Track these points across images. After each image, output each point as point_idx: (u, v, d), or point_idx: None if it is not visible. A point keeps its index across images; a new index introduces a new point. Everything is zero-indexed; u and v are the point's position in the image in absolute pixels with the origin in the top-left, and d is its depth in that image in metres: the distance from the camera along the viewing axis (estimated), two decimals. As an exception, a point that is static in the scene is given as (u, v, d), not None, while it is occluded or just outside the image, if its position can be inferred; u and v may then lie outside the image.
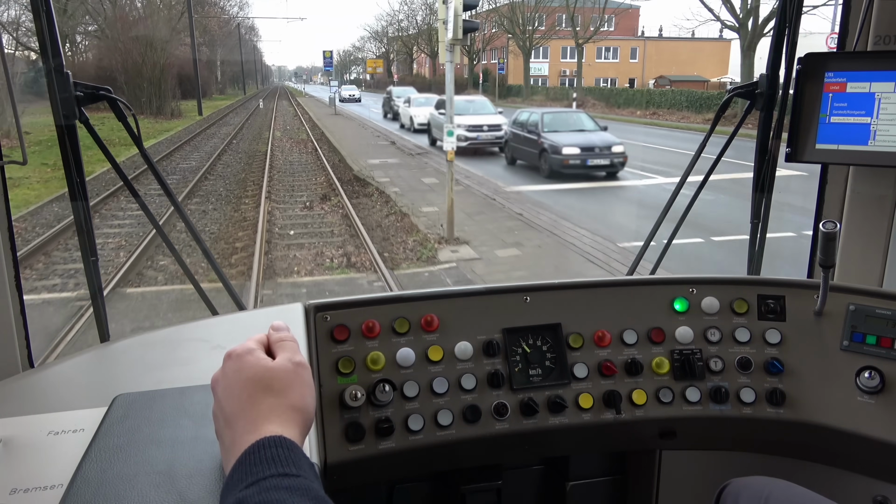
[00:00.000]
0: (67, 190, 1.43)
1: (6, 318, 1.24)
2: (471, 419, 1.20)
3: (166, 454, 0.84)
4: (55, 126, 1.39)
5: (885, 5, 1.45)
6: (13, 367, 1.25)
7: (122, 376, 1.14)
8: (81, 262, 1.48)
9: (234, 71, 63.21)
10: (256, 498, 0.61)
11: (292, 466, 0.65)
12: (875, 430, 1.22)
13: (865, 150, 1.41)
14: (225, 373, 0.79)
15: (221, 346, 1.21)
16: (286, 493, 0.62)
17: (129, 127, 1.50)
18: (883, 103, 1.38)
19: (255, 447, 0.67)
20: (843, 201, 1.60)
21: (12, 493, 0.80)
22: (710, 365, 1.32)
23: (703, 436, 1.37)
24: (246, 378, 0.76)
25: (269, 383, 0.76)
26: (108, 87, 1.45)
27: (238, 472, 0.66)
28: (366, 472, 1.18)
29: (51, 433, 0.92)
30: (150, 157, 1.59)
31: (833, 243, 1.20)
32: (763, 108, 1.72)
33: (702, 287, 1.38)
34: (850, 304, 1.30)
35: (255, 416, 0.72)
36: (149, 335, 1.30)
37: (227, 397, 0.76)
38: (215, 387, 0.79)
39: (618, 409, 1.27)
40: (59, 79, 1.36)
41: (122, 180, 1.60)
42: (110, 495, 0.77)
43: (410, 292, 1.29)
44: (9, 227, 1.25)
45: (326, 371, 1.17)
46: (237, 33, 58.17)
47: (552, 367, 1.29)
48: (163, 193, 1.62)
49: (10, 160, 1.24)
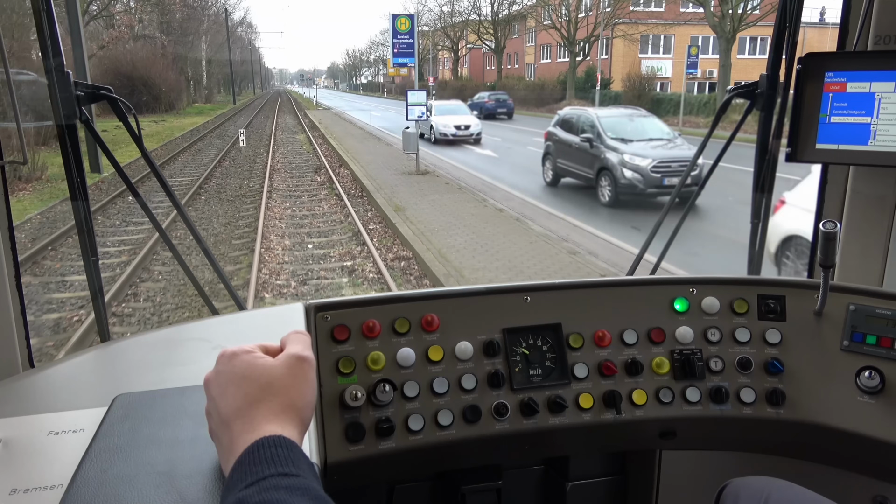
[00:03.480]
0: (68, 190, 1.43)
1: (6, 318, 1.24)
2: (471, 419, 1.20)
3: (166, 454, 0.84)
4: (55, 126, 1.39)
5: (885, 5, 1.45)
6: (13, 367, 1.25)
7: (123, 376, 1.14)
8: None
9: (228, 73, 52.74)
10: (256, 498, 0.61)
11: (291, 466, 0.65)
12: (875, 430, 1.22)
13: (865, 150, 1.41)
14: (219, 372, 0.78)
15: (221, 346, 1.21)
16: (285, 492, 0.62)
17: (129, 127, 1.50)
18: (883, 103, 1.38)
19: (253, 447, 0.67)
20: (843, 201, 1.60)
21: (12, 493, 0.80)
22: (711, 365, 1.32)
23: (703, 436, 1.37)
24: (241, 377, 0.76)
25: (267, 382, 0.75)
26: (108, 87, 1.45)
27: (237, 472, 0.66)
28: (366, 472, 1.18)
29: (51, 433, 0.92)
30: (152, 157, 1.59)
31: (833, 243, 1.20)
32: (763, 108, 1.72)
33: (702, 287, 1.38)
34: (851, 304, 1.30)
35: (253, 416, 0.72)
36: (149, 335, 1.30)
37: (222, 397, 0.75)
38: (209, 387, 0.78)
39: (618, 409, 1.27)
40: (59, 78, 1.37)
41: (124, 181, 1.60)
42: (110, 495, 0.77)
43: (410, 292, 1.29)
44: (9, 226, 1.25)
45: (327, 371, 1.17)
46: (224, 24, 46.17)
47: (552, 367, 1.29)
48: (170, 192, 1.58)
49: (10, 160, 1.24)
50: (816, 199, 1.67)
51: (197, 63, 43.45)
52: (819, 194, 1.66)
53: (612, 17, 33.58)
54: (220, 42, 47.54)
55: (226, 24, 46.56)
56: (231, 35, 51.52)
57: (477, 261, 7.41)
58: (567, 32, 36.72)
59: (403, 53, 18.44)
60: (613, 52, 35.26)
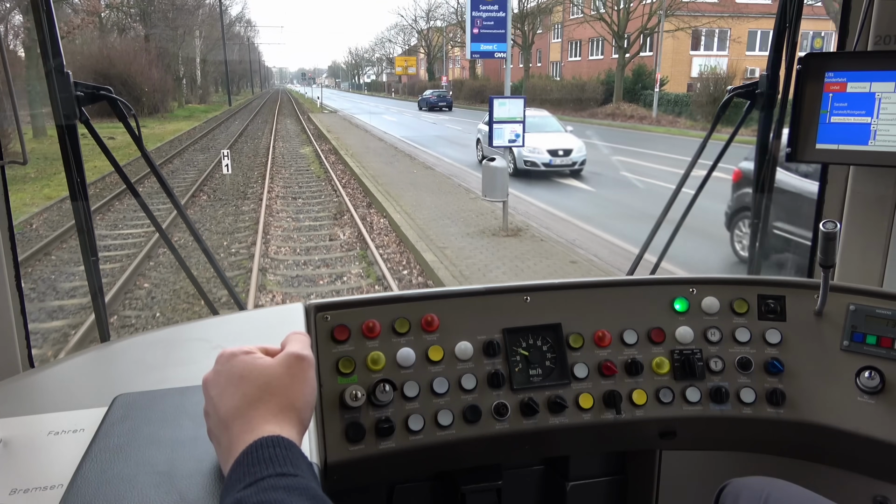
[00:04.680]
0: (68, 190, 1.43)
1: (6, 318, 1.24)
2: (471, 419, 1.20)
3: (166, 454, 0.84)
4: (55, 126, 1.39)
5: (885, 5, 1.45)
6: (13, 367, 1.25)
7: (122, 376, 1.14)
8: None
9: (231, 71, 49.12)
10: (255, 498, 0.61)
11: (290, 466, 0.65)
12: (875, 430, 1.22)
13: (865, 150, 1.41)
14: (217, 372, 0.78)
15: (221, 346, 1.21)
16: (284, 492, 0.62)
17: (129, 127, 1.50)
18: (883, 103, 1.38)
19: (252, 447, 0.67)
20: (843, 201, 1.60)
21: (12, 493, 0.80)
22: (711, 365, 1.32)
23: (703, 436, 1.37)
24: (240, 377, 0.76)
25: (265, 382, 0.75)
26: (108, 87, 1.45)
27: (236, 472, 0.66)
28: (366, 472, 1.18)
29: (51, 433, 0.92)
30: (152, 157, 1.59)
31: (833, 243, 1.20)
32: (763, 108, 1.72)
33: (702, 287, 1.38)
34: (851, 304, 1.30)
35: (252, 416, 0.72)
36: (149, 335, 1.30)
37: (220, 397, 0.75)
38: (207, 387, 0.78)
39: (618, 409, 1.27)
40: (59, 79, 1.37)
41: (124, 181, 1.60)
42: (110, 495, 0.77)
43: (411, 292, 1.29)
44: (9, 226, 1.25)
45: (327, 371, 1.17)
46: (220, 18, 42.55)
47: (552, 367, 1.29)
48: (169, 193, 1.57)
49: (10, 160, 1.24)
50: (817, 199, 1.67)
51: (191, 61, 40.12)
52: (819, 194, 1.66)
53: (669, 7, 28.01)
54: (216, 38, 43.83)
55: (220, 18, 43.08)
56: (228, 31, 47.79)
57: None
58: (616, 24, 30.60)
59: (489, 36, 11.70)
60: (659, 49, 28.96)
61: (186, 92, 39.57)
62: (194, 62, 40.92)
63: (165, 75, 29.69)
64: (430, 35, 55.53)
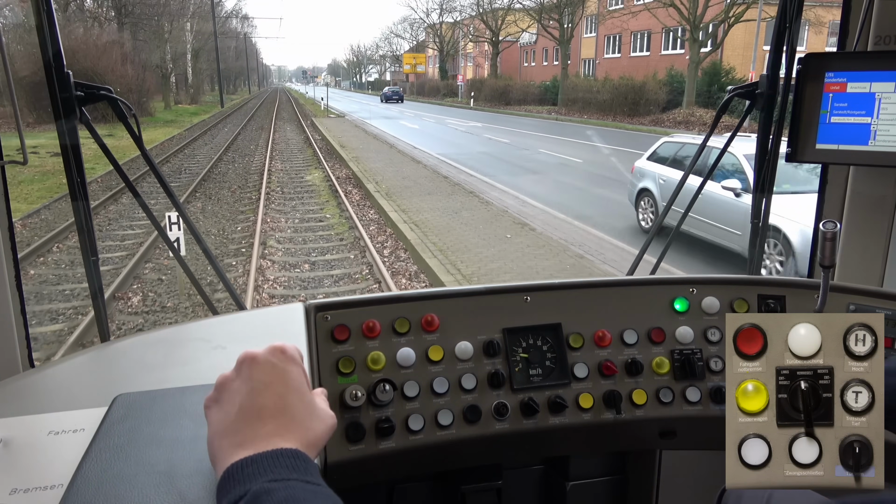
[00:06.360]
0: (68, 189, 1.43)
1: (6, 318, 1.24)
2: (471, 419, 1.20)
3: (166, 454, 0.84)
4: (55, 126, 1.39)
5: (885, 5, 1.45)
6: (13, 367, 1.25)
7: (123, 376, 1.14)
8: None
9: (226, 69, 44.34)
10: (283, 492, 0.62)
11: (314, 477, 0.67)
12: None
13: (866, 150, 1.41)
14: (270, 364, 0.78)
15: (221, 346, 1.21)
16: (311, 494, 0.63)
17: (129, 127, 1.50)
18: (883, 103, 1.38)
19: (279, 452, 0.68)
20: (843, 201, 1.60)
21: (12, 493, 0.80)
22: (711, 365, 1.32)
23: (703, 436, 1.37)
24: (290, 378, 0.77)
25: (307, 398, 0.78)
26: (108, 87, 1.45)
27: (254, 467, 0.66)
28: (366, 472, 1.18)
29: (51, 433, 0.92)
30: (152, 157, 1.59)
31: (833, 243, 1.20)
32: (763, 109, 1.72)
33: (702, 287, 1.38)
34: (851, 304, 1.30)
35: (288, 422, 0.73)
36: (149, 335, 1.30)
37: (261, 391, 0.75)
38: (228, 384, 0.78)
39: (618, 409, 1.27)
40: (59, 78, 1.37)
41: (124, 181, 1.60)
42: (110, 495, 0.77)
43: (411, 292, 1.29)
44: (9, 227, 1.25)
45: (327, 371, 1.17)
46: (212, 9, 38.52)
47: (552, 367, 1.29)
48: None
49: (10, 160, 1.24)
50: (817, 199, 1.67)
51: (181, 56, 35.71)
52: (819, 194, 1.66)
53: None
54: (209, 32, 38.75)
55: (212, 9, 38.79)
56: (224, 26, 42.81)
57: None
58: (688, 13, 24.61)
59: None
60: (729, 42, 24.70)
61: (176, 91, 35.58)
62: (185, 58, 36.64)
63: (144, 73, 25.38)
64: (442, 30, 49.95)
